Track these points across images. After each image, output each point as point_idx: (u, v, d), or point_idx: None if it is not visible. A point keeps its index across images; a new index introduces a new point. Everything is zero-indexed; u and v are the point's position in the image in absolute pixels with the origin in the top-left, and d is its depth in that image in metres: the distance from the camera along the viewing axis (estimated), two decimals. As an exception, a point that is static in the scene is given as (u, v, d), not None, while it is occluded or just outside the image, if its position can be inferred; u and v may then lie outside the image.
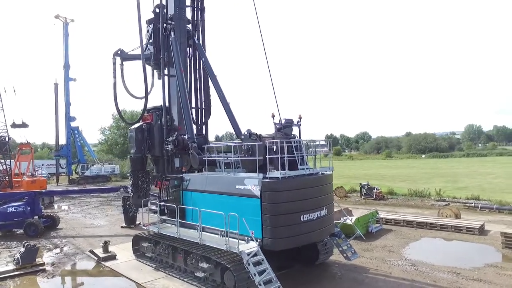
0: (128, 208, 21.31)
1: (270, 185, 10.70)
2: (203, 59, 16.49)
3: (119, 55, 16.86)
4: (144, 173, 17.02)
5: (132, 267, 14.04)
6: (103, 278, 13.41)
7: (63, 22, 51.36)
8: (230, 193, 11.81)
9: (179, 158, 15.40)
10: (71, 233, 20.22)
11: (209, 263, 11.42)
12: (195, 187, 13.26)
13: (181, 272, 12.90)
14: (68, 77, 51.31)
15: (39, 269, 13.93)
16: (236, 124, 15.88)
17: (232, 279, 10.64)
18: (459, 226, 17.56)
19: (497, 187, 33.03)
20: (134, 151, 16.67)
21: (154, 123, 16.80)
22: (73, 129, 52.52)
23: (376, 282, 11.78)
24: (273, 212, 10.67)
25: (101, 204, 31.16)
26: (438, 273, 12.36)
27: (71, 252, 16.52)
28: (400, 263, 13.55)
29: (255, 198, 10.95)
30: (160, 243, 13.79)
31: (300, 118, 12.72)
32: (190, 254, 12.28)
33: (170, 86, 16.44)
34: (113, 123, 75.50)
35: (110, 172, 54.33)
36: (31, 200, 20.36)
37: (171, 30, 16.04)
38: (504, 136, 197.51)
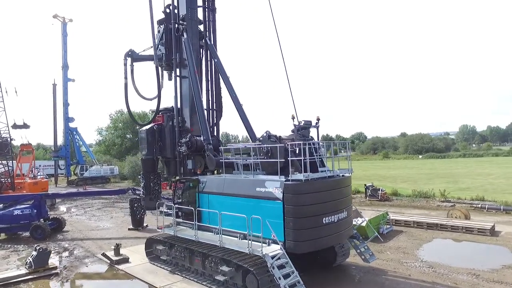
0: (135, 210, 21.14)
1: (293, 188, 10.61)
2: (216, 60, 16.35)
3: (130, 56, 16.67)
4: (156, 175, 16.84)
5: (147, 270, 13.86)
6: (118, 281, 13.22)
7: (62, 22, 50.94)
8: (249, 195, 11.70)
9: (192, 160, 15.27)
10: (78, 236, 19.97)
11: (230, 266, 11.29)
12: (212, 189, 13.13)
13: (198, 275, 12.76)
14: (67, 78, 50.90)
15: (52, 273, 13.71)
16: (250, 126, 15.76)
17: (254, 282, 10.52)
18: (470, 227, 17.60)
19: (499, 188, 33.25)
20: (145, 153, 16.47)
21: (165, 124, 16.63)
22: (72, 129, 52.07)
23: (397, 284, 11.74)
24: (296, 215, 10.59)
25: (104, 206, 30.85)
26: (457, 275, 12.35)
27: (81, 255, 16.29)
28: (417, 265, 13.53)
29: (277, 200, 10.86)
30: (175, 246, 13.64)
31: (318, 120, 12.66)
32: (208, 257, 12.14)
33: (182, 87, 16.29)
34: (110, 123, 75.13)
35: (109, 173, 53.96)
36: (38, 202, 20.08)
37: (183, 31, 15.90)
38: (497, 136, 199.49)
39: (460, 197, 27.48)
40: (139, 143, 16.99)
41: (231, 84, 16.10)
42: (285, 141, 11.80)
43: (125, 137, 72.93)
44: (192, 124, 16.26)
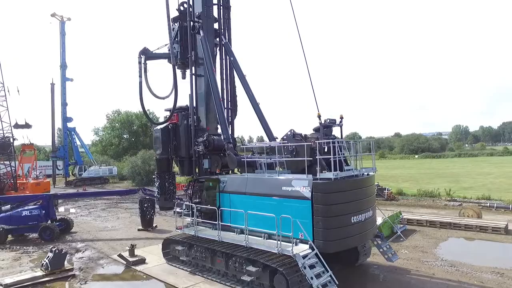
0: (145, 211, 20.87)
1: (323, 186, 10.49)
2: (232, 59, 16.19)
3: (144, 54, 16.42)
4: (170, 175, 16.61)
5: (166, 271, 13.65)
6: (139, 282, 12.98)
7: (60, 21, 50.36)
8: (274, 195, 11.56)
9: (208, 159, 15.08)
10: (87, 237, 19.65)
11: (256, 266, 11.14)
12: (233, 189, 12.97)
13: (220, 276, 12.59)
14: (65, 77, 50.33)
15: (69, 275, 13.44)
16: (267, 125, 15.60)
17: (283, 282, 10.39)
18: (484, 226, 17.65)
19: (502, 187, 33.48)
20: (160, 152, 16.24)
21: (179, 123, 16.43)
22: (70, 129, 51.45)
23: (423, 284, 11.69)
24: (326, 214, 10.47)
25: (108, 206, 30.47)
26: (481, 273, 12.34)
27: (95, 256, 16.01)
28: (439, 263, 13.50)
29: (305, 199, 10.73)
30: (195, 246, 13.44)
31: (341, 118, 12.56)
32: (232, 257, 11.97)
33: (196, 86, 16.09)
34: (107, 123, 74.46)
35: (107, 173, 53.40)
36: (46, 203, 19.73)
37: (199, 28, 15.71)
38: (489, 136, 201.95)
39: (466, 196, 27.63)
40: (153, 142, 16.75)
41: (247, 82, 15.94)
42: (310, 140, 11.68)
43: (122, 137, 72.37)
44: (207, 123, 16.10)
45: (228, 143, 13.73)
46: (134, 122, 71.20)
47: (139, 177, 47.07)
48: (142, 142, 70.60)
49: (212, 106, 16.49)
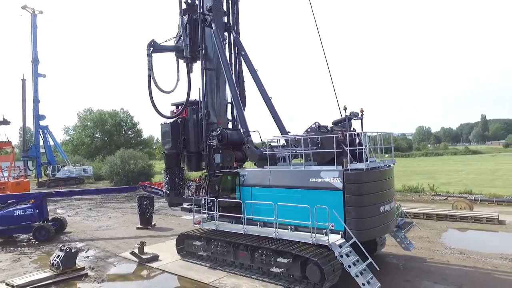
0: (145, 209, 20.33)
1: (355, 177, 10.69)
2: (243, 53, 16.12)
3: (152, 46, 16.01)
4: (180, 170, 16.30)
5: (183, 267, 13.37)
6: (160, 279, 12.60)
7: (31, 14, 47.99)
8: (301, 186, 11.64)
9: (220, 154, 14.93)
10: (85, 236, 18.86)
11: (286, 257, 11.16)
12: (255, 182, 12.91)
13: (243, 270, 12.50)
14: (37, 73, 47.99)
15: (81, 274, 12.86)
16: (279, 119, 15.64)
17: (317, 273, 10.47)
18: (479, 217, 18.63)
19: (476, 183, 35.35)
20: (169, 147, 15.91)
21: (189, 118, 16.17)
22: (42, 128, 49.08)
23: (442, 270, 12.17)
24: (358, 204, 10.67)
25: (93, 206, 29.35)
26: (491, 259, 13.03)
27: (101, 255, 15.40)
28: (449, 252, 14.12)
29: (336, 190, 10.89)
30: (214, 240, 13.26)
31: (362, 112, 12.83)
32: (258, 250, 11.92)
33: (207, 80, 15.89)
34: (78, 122, 71.73)
35: (83, 173, 51.47)
36: (40, 202, 18.74)
37: (211, 22, 15.53)
38: (450, 137, 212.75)
39: (449, 191, 28.97)
40: (161, 137, 16.35)
41: (259, 77, 15.93)
42: (337, 132, 11.87)
43: (95, 136, 69.96)
44: (218, 117, 15.95)
45: (247, 137, 13.67)
46: (107, 121, 69.02)
47: (118, 177, 45.71)
48: (116, 141, 68.63)
49: (223, 100, 16.40)
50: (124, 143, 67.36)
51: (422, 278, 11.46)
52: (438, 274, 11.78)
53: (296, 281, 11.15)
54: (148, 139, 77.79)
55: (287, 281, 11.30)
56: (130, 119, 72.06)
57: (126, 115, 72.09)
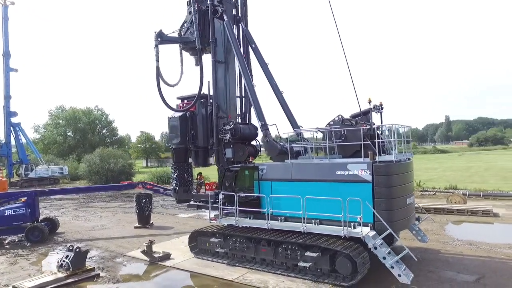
0: (143, 207, 19.59)
1: (384, 169, 10.71)
2: (253, 46, 15.80)
3: (160, 37, 15.42)
4: (188, 166, 15.80)
5: (200, 264, 12.95)
6: (179, 278, 12.08)
7: (2, 4, 45.30)
8: (327, 179, 11.55)
9: (231, 149, 14.60)
10: (81, 237, 17.92)
11: (314, 251, 11.02)
12: (275, 176, 12.70)
13: (264, 266, 12.25)
14: (9, 67, 45.35)
15: (93, 275, 12.17)
16: (291, 113, 15.46)
17: (349, 266, 10.42)
18: (475, 210, 19.31)
19: (456, 179, 36.78)
20: (178, 142, 15.40)
21: (197, 112, 15.72)
22: (14, 125, 46.45)
23: (460, 261, 12.45)
24: (387, 196, 10.71)
25: (78, 206, 28.04)
26: (501, 249, 13.49)
27: (106, 255, 14.66)
28: (458, 243, 14.50)
29: (365, 182, 10.88)
30: (232, 237, 12.91)
31: (381, 105, 12.91)
32: (282, 245, 11.71)
33: (217, 73, 15.49)
34: (49, 120, 68.54)
35: (58, 173, 49.16)
36: (31, 201, 17.61)
37: (222, 13, 15.16)
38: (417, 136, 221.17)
39: (435, 187, 29.94)
40: (169, 131, 15.79)
41: (269, 71, 15.70)
42: (362, 125, 11.88)
43: (67, 135, 67.07)
44: (227, 111, 15.60)
45: (266, 130, 13.41)
46: (81, 119, 66.35)
47: (97, 176, 44.07)
48: (90, 140, 66.16)
49: (232, 94, 16.05)
50: (99, 142, 65.07)
51: (444, 269, 11.66)
52: (458, 265, 12.04)
53: (324, 275, 11.04)
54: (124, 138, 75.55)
55: (314, 275, 11.17)
56: (105, 117, 69.65)
57: (101, 113, 69.66)
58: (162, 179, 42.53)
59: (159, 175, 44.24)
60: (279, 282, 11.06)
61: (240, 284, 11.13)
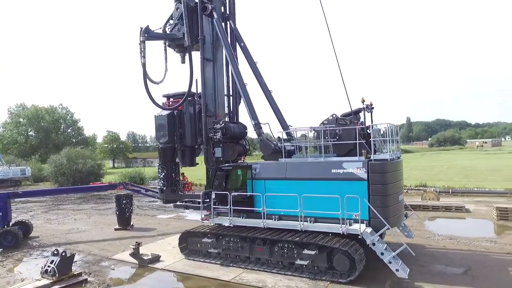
0: (124, 208, 18.95)
1: (380, 167, 10.98)
2: (242, 44, 15.69)
3: (147, 33, 14.97)
4: (176, 165, 15.45)
5: (192, 266, 12.69)
6: (174, 280, 11.78)
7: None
8: (323, 178, 11.67)
9: (220, 148, 14.45)
10: (58, 241, 17.04)
11: (311, 249, 11.12)
12: (269, 175, 12.67)
13: (259, 265, 12.19)
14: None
15: (81, 280, 11.59)
16: (280, 113, 15.42)
17: (347, 262, 10.61)
18: (449, 206, 20.28)
19: (423, 177, 38.39)
20: (165, 141, 15.05)
21: (185, 110, 15.43)
22: (-29, 124, 43.39)
23: (445, 254, 13.00)
24: (382, 193, 10.96)
25: (47, 209, 26.66)
26: (480, 243, 14.24)
27: (90, 259, 14.03)
28: (440, 238, 15.14)
29: (360, 180, 11.10)
30: (225, 237, 12.75)
31: (371, 104, 13.20)
32: (278, 243, 11.72)
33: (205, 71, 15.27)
34: (8, 118, 64.76)
35: (20, 174, 46.52)
36: (3, 203, 16.54)
37: (212, 10, 14.96)
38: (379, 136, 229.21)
39: (406, 185, 31.13)
40: (156, 130, 15.35)
41: (258, 70, 15.66)
42: (356, 124, 12.13)
43: (29, 134, 63.66)
44: (216, 109, 15.42)
45: (259, 129, 13.37)
46: (44, 117, 63.18)
47: (63, 177, 42.14)
48: (54, 140, 63.18)
49: (221, 92, 15.88)
50: (64, 142, 62.28)
51: (433, 263, 12.14)
52: (444, 258, 12.57)
53: (321, 272, 11.17)
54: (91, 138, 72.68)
55: (311, 273, 11.27)
56: (70, 116, 66.70)
57: (66, 112, 66.64)
58: (134, 179, 41.39)
59: (130, 175, 43.00)
60: (277, 281, 11.05)
61: (238, 284, 11.02)
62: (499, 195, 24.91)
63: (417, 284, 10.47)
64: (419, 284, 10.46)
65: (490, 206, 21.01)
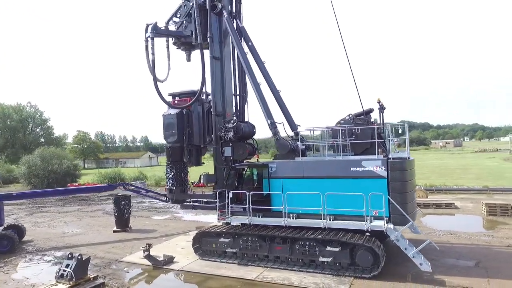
0: (123, 209, 18.40)
1: (400, 165, 11.36)
2: (250, 44, 15.66)
3: (155, 29, 14.65)
4: (184, 165, 15.21)
5: (209, 266, 12.56)
6: (196, 281, 11.54)
7: None
8: (341, 176, 11.93)
9: (230, 147, 14.40)
10: (56, 244, 16.32)
11: (333, 246, 11.32)
12: (286, 173, 12.78)
13: (278, 263, 12.26)
14: None
15: (98, 284, 11.18)
16: (288, 112, 15.57)
17: (370, 258, 10.90)
18: (439, 203, 21.23)
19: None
20: (174, 140, 14.80)
21: (193, 109, 15.25)
22: None
23: (452, 249, 13.62)
24: (402, 190, 11.36)
25: (29, 212, 25.43)
26: (480, 237, 15.02)
27: (99, 262, 13.55)
28: (441, 233, 15.82)
29: (380, 178, 11.44)
30: (242, 236, 12.71)
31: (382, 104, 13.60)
32: (299, 241, 11.84)
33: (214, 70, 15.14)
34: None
35: (-13, 177, 43.89)
36: (-4, 206, 15.62)
37: (222, 9, 14.87)
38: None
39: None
40: (164, 128, 15.04)
41: (266, 69, 15.71)
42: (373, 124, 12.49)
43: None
44: (225, 108, 15.33)
45: (275, 128, 13.43)
46: (11, 116, 59.91)
47: (37, 179, 40.24)
48: (21, 140, 60.10)
49: (229, 92, 15.79)
50: (32, 142, 59.42)
51: (443, 257, 12.70)
52: (452, 252, 13.17)
53: (343, 269, 11.40)
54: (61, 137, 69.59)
55: (332, 269, 11.47)
56: (39, 115, 63.60)
57: (34, 110, 63.53)
58: (114, 180, 40.22)
59: (109, 176, 41.77)
60: (302, 278, 11.16)
61: (264, 282, 11.02)
62: (479, 192, 26.33)
63: (437, 277, 10.91)
64: (439, 277, 10.91)
65: (475, 203, 22.26)
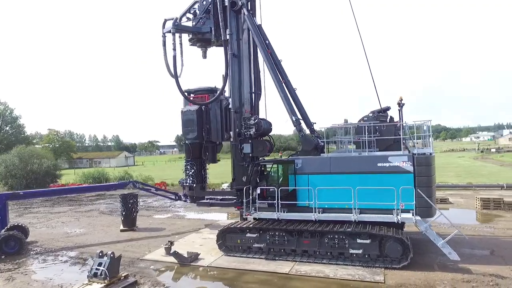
0: (131, 208, 18.03)
1: (425, 160, 11.91)
2: (267, 42, 15.81)
3: (175, 25, 14.51)
4: (204, 162, 15.14)
5: (237, 261, 12.60)
6: (230, 277, 11.49)
7: None
8: (368, 171, 12.34)
9: (250, 144, 14.53)
10: (63, 245, 15.76)
11: (365, 238, 11.70)
12: (312, 169, 13.05)
13: (306, 257, 12.51)
14: None
15: (131, 282, 10.99)
16: (304, 111, 15.84)
17: (399, 249, 11.36)
18: (434, 198, 22.22)
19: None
20: (194, 137, 14.74)
21: (211, 106, 15.23)
22: None
23: (463, 240, 14.12)
24: (428, 184, 11.92)
25: (18, 213, 24.32)
26: (485, 228, 15.94)
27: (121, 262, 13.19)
28: (446, 226, 16.62)
29: (407, 173, 11.95)
30: (266, 231, 12.85)
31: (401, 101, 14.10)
32: (328, 235, 12.14)
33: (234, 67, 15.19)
34: None
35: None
36: (2, 206, 14.89)
37: (242, 7, 14.93)
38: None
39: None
40: (183, 125, 14.92)
41: (283, 68, 15.92)
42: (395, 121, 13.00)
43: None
44: (243, 106, 15.41)
45: (299, 125, 13.66)
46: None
47: (15, 179, 38.38)
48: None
49: (246, 89, 15.86)
50: (2, 141, 56.55)
51: (459, 247, 13.34)
52: (464, 243, 13.86)
53: (372, 260, 11.80)
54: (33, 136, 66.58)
55: (361, 261, 11.85)
56: (9, 112, 60.55)
57: (4, 108, 60.42)
58: (98, 180, 39.11)
59: (92, 176, 40.53)
60: (334, 270, 11.44)
61: (299, 276, 11.22)
62: (464, 189, 27.76)
63: (461, 266, 11.53)
64: (463, 266, 11.53)
65: (466, 198, 23.54)
